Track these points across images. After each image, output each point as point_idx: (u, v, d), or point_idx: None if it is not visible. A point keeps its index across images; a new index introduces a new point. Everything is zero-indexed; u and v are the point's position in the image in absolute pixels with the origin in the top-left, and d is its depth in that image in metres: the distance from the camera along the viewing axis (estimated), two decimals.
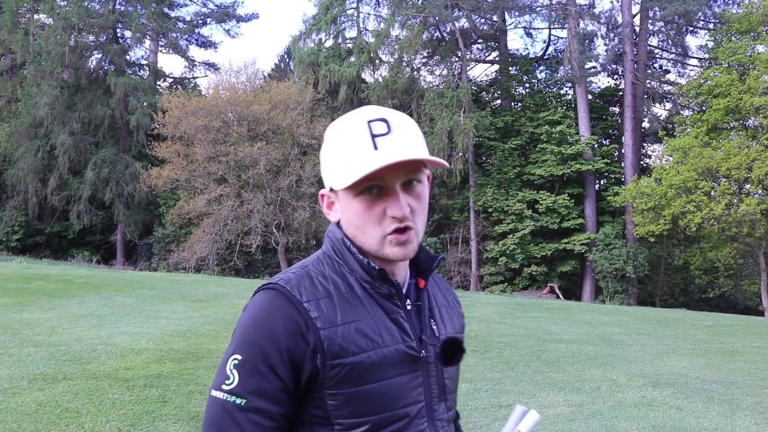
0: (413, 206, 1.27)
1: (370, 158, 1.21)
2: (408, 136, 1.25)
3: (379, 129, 1.23)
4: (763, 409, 6.53)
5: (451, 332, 1.41)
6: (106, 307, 11.11)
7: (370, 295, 1.30)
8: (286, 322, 1.22)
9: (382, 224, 1.26)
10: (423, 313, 1.36)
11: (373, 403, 1.24)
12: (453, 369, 1.40)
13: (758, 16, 25.61)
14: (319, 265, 1.33)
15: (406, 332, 1.30)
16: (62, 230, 34.28)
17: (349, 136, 1.25)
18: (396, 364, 1.27)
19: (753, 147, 24.21)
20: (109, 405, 5.54)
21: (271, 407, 1.21)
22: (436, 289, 1.48)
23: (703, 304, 28.49)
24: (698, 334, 12.48)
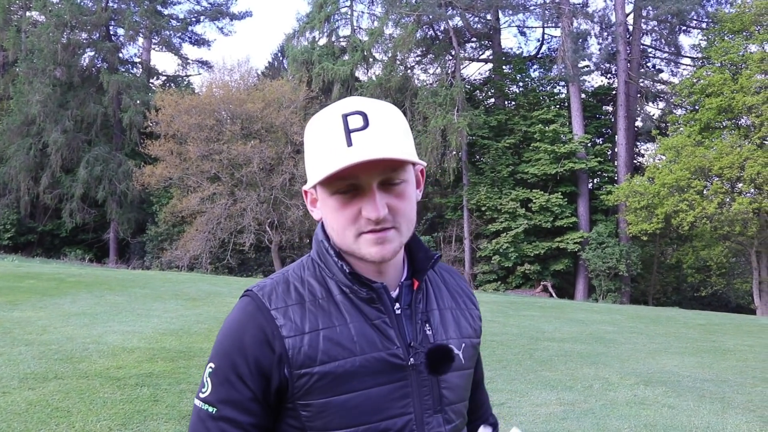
0: (394, 206, 1.18)
1: (342, 155, 1.13)
2: (386, 132, 1.16)
3: (355, 123, 1.15)
4: (754, 408, 6.55)
5: (455, 337, 1.31)
6: (98, 306, 11.07)
7: (349, 300, 1.23)
8: (254, 332, 1.19)
9: (357, 224, 1.18)
10: (415, 317, 1.26)
11: (347, 414, 1.17)
12: (455, 377, 1.28)
13: (750, 16, 25.69)
14: (299, 270, 1.29)
15: (389, 339, 1.22)
16: (55, 228, 34.14)
17: (325, 130, 1.18)
18: (375, 373, 1.19)
19: (745, 146, 24.29)
20: (100, 404, 5.52)
21: (241, 417, 1.19)
22: (442, 289, 1.37)
23: (695, 303, 28.60)
24: (690, 333, 12.52)
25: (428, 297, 1.31)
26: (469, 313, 1.38)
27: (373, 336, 1.21)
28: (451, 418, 1.27)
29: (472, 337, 1.35)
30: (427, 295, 1.31)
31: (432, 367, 1.23)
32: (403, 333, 1.23)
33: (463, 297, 1.40)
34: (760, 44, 25.70)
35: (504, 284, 28.99)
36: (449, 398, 1.26)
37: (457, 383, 1.29)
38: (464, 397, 1.33)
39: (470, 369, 1.35)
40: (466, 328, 1.35)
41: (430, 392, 1.23)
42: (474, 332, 1.37)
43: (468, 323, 1.36)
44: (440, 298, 1.34)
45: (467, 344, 1.33)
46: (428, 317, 1.28)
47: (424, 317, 1.27)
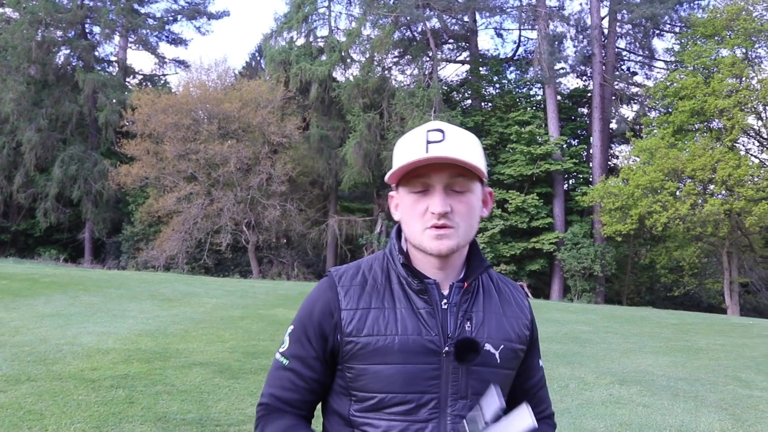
0: (457, 209, 1.40)
1: (418, 157, 1.37)
2: (460, 145, 1.39)
3: (434, 137, 1.38)
4: (726, 406, 6.67)
5: (493, 337, 1.45)
6: (73, 307, 10.96)
7: (403, 290, 1.45)
8: (322, 303, 1.46)
9: (423, 218, 1.40)
10: (458, 314, 1.43)
11: (381, 381, 1.38)
12: (487, 372, 1.43)
13: (722, 21, 26.07)
14: (372, 260, 1.53)
15: (429, 327, 1.40)
16: (28, 228, 33.69)
17: (410, 140, 1.42)
18: (411, 353, 1.38)
19: (717, 148, 24.64)
20: (74, 406, 5.46)
21: (305, 371, 1.45)
22: (493, 297, 1.53)
23: (668, 303, 28.94)
24: (664, 332, 12.69)
25: (476, 299, 1.49)
26: (516, 321, 1.53)
27: (416, 322, 1.41)
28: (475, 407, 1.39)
29: (513, 341, 1.50)
30: (476, 297, 1.49)
31: (458, 355, 1.39)
32: (445, 325, 1.42)
33: (513, 307, 1.55)
34: (731, 48, 26.08)
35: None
36: (476, 388, 1.40)
37: (489, 378, 1.42)
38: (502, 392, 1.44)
39: (508, 370, 1.49)
40: (508, 333, 1.49)
41: (458, 379, 1.40)
42: (517, 338, 1.51)
43: (511, 330, 1.51)
44: (488, 303, 1.50)
45: (506, 347, 1.47)
46: (471, 316, 1.45)
47: (467, 315, 1.45)
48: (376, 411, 1.39)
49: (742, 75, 25.43)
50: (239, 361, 7.57)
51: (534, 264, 28.94)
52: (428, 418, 1.38)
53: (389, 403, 1.38)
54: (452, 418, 1.38)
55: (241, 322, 10.56)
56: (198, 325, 9.92)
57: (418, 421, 1.37)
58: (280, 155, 28.90)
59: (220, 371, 7.00)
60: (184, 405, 5.68)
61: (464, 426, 1.34)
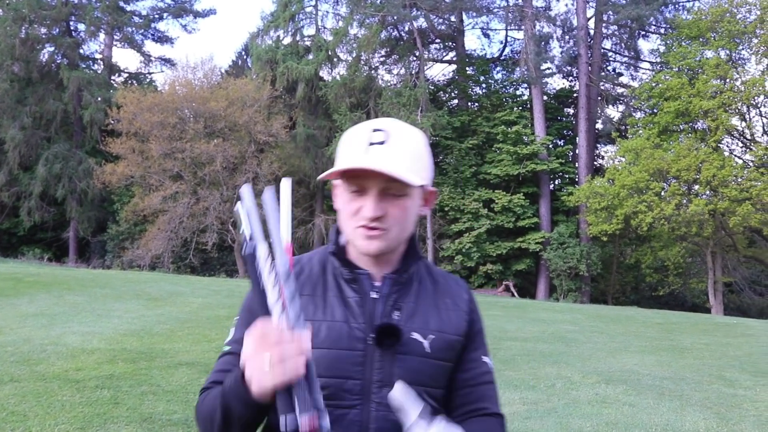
0: (391, 213, 1.40)
1: (357, 159, 1.36)
2: (399, 151, 1.37)
3: (376, 138, 1.38)
4: (711, 405, 6.71)
5: (423, 327, 1.45)
6: (57, 306, 10.86)
7: (335, 279, 1.47)
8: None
9: (356, 217, 1.40)
10: (387, 303, 1.44)
11: None
12: (415, 362, 1.42)
13: (707, 23, 26.29)
14: (314, 253, 1.56)
15: (355, 315, 1.42)
16: (12, 227, 33.38)
17: (353, 137, 1.41)
18: (338, 339, 1.39)
19: (701, 149, 24.84)
20: (58, 407, 5.41)
21: None
22: (428, 289, 1.53)
23: (653, 302, 29.13)
24: (649, 332, 12.77)
25: (408, 291, 1.49)
26: (452, 313, 1.52)
27: (344, 310, 1.43)
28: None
29: (447, 332, 1.48)
30: (409, 289, 1.49)
31: (378, 339, 1.39)
32: (373, 314, 1.43)
33: (449, 300, 1.55)
34: (716, 50, 26.32)
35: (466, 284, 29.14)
36: (402, 377, 1.38)
37: (417, 367, 1.42)
38: (424, 382, 1.43)
39: (441, 361, 1.46)
40: (441, 324, 1.48)
41: (383, 367, 1.40)
42: (452, 330, 1.49)
43: (446, 321, 1.49)
44: (422, 295, 1.51)
45: (438, 337, 1.46)
46: (401, 306, 1.46)
47: (397, 305, 1.45)
48: None
49: (726, 76, 25.66)
50: None
51: (520, 264, 29.05)
52: (352, 404, 1.38)
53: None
54: (377, 406, 1.38)
55: (227, 321, 10.50)
56: (184, 325, 9.86)
57: (342, 407, 1.37)
58: (266, 154, 28.81)
59: (206, 371, 6.95)
60: (169, 405, 5.64)
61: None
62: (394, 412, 1.34)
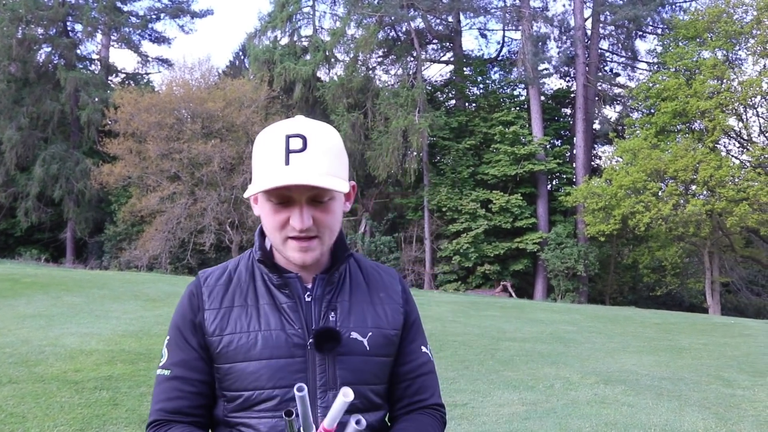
0: (319, 218, 1.36)
1: (280, 173, 1.30)
2: (321, 156, 1.32)
3: (294, 145, 1.31)
4: (710, 405, 6.72)
5: (360, 326, 1.44)
6: (55, 307, 10.85)
7: (266, 286, 1.44)
8: (191, 301, 1.44)
9: (284, 230, 1.36)
10: (320, 305, 1.42)
11: (246, 378, 1.36)
12: (356, 361, 1.41)
13: (703, 23, 26.32)
14: (239, 259, 1.52)
15: (291, 321, 1.39)
16: (9, 228, 33.30)
17: (268, 147, 1.34)
18: (275, 348, 1.37)
19: (699, 149, 24.86)
20: (57, 409, 5.41)
21: (189, 374, 1.41)
22: (360, 285, 1.51)
23: (650, 302, 29.15)
24: (647, 332, 12.78)
25: (341, 290, 1.47)
26: (387, 307, 1.51)
27: (278, 317, 1.40)
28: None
29: (383, 328, 1.47)
30: (341, 288, 1.47)
31: (317, 345, 1.37)
32: (309, 318, 1.41)
33: (383, 294, 1.52)
34: (713, 51, 26.35)
35: (464, 284, 29.18)
36: (346, 378, 1.39)
37: (359, 367, 1.41)
38: (368, 380, 1.43)
39: (380, 357, 1.46)
40: (377, 320, 1.47)
41: (325, 371, 1.38)
42: (388, 324, 1.48)
43: (382, 316, 1.48)
44: (355, 292, 1.49)
45: (375, 333, 1.45)
46: (335, 306, 1.44)
47: (331, 306, 1.44)
48: (245, 410, 1.37)
49: (723, 77, 25.70)
50: None
51: (518, 264, 29.06)
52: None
53: (256, 400, 1.36)
54: (322, 411, 1.36)
55: None
56: None
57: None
58: None
59: None
60: None
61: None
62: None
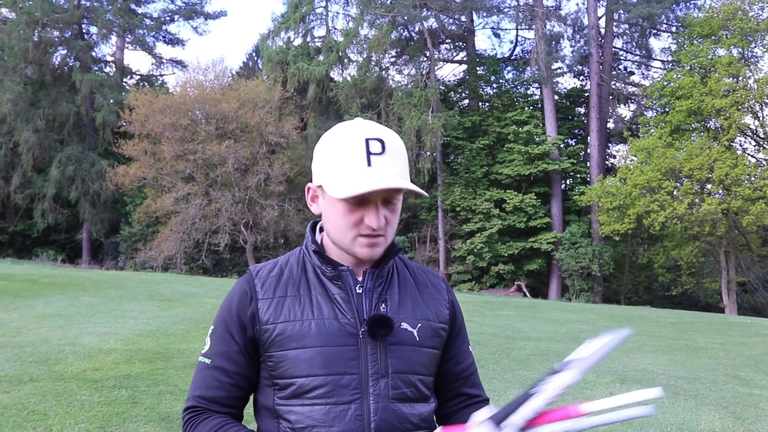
0: (388, 218, 1.43)
1: (363, 175, 1.36)
2: (398, 159, 1.40)
3: (375, 148, 1.38)
4: (727, 404, 6.69)
5: (410, 317, 1.49)
6: (73, 307, 10.96)
7: (318, 278, 1.49)
8: (240, 296, 1.48)
9: (357, 227, 1.41)
10: (372, 297, 1.47)
11: (300, 365, 1.40)
12: (407, 351, 1.46)
13: (719, 21, 26.14)
14: (289, 256, 1.57)
15: (344, 311, 1.44)
16: (26, 229, 33.66)
17: (348, 148, 1.39)
18: (329, 336, 1.41)
19: (714, 148, 24.70)
20: (77, 407, 5.47)
21: (229, 366, 1.46)
22: (408, 281, 1.57)
23: (666, 302, 29.00)
24: (663, 331, 12.73)
25: (391, 283, 1.53)
26: (434, 302, 1.57)
27: (331, 306, 1.44)
28: (398, 385, 1.44)
29: (432, 320, 1.53)
30: (390, 281, 1.53)
31: (371, 331, 1.42)
32: (360, 308, 1.45)
33: (429, 289, 1.59)
34: (728, 48, 26.16)
35: (478, 284, 29.15)
36: (397, 367, 1.44)
37: (409, 356, 1.46)
38: (417, 370, 1.48)
39: (429, 349, 1.51)
40: (425, 313, 1.53)
41: (377, 359, 1.42)
42: (436, 318, 1.55)
43: (429, 309, 1.54)
44: (404, 286, 1.55)
45: (424, 325, 1.51)
46: (386, 298, 1.49)
47: (382, 298, 1.48)
48: (297, 397, 1.40)
49: (739, 74, 25.51)
50: None
51: (532, 264, 28.99)
52: (350, 400, 1.39)
53: (309, 387, 1.39)
54: (375, 398, 1.40)
55: None
56: (198, 326, 9.92)
57: (340, 403, 1.39)
58: (277, 155, 28.90)
59: None
60: None
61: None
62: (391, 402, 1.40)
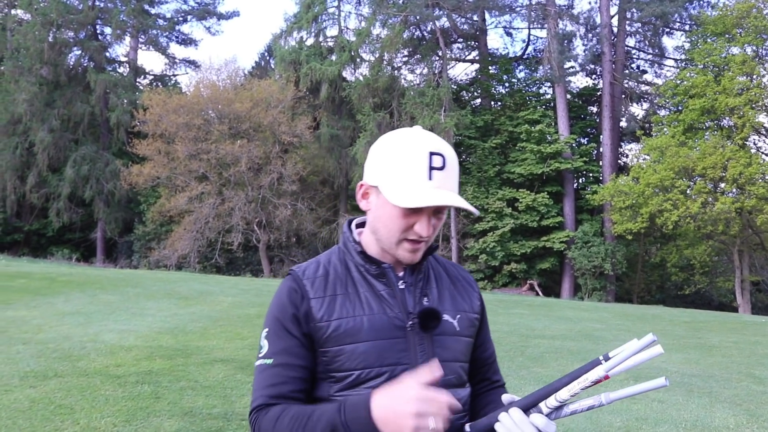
0: (435, 226, 1.52)
1: (425, 188, 1.44)
2: (454, 174, 1.51)
3: (436, 162, 1.46)
4: (740, 402, 6.74)
5: (450, 309, 1.60)
6: (92, 305, 11.12)
7: (362, 276, 1.57)
8: (291, 296, 1.54)
9: (406, 233, 1.50)
10: (415, 291, 1.56)
11: (356, 358, 1.48)
12: (449, 340, 1.57)
13: (732, 19, 26.05)
14: (329, 255, 1.65)
15: (391, 306, 1.52)
16: (41, 228, 33.98)
17: (411, 158, 1.46)
18: (378, 330, 1.49)
19: (728, 147, 24.63)
20: (102, 401, 5.60)
21: (292, 360, 1.50)
22: (443, 276, 1.68)
23: (679, 301, 28.94)
24: (676, 330, 12.74)
25: (429, 278, 1.63)
26: (467, 294, 1.69)
27: (378, 302, 1.53)
28: (444, 373, 1.48)
29: (468, 311, 1.65)
30: (429, 277, 1.63)
31: (422, 324, 1.51)
32: (405, 302, 1.54)
33: (462, 282, 1.71)
34: (742, 47, 26.05)
35: (491, 283, 29.18)
36: (442, 355, 1.52)
37: (451, 345, 1.57)
38: (459, 357, 1.59)
39: (467, 337, 1.63)
40: (462, 304, 1.65)
41: (424, 349, 1.52)
42: (471, 308, 1.66)
43: (464, 301, 1.66)
44: (440, 280, 1.66)
45: (462, 316, 1.62)
46: (427, 292, 1.59)
47: (423, 292, 1.58)
48: (354, 387, 1.47)
49: (753, 73, 25.43)
50: None
51: (544, 263, 28.99)
52: None
53: (366, 378, 1.47)
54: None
55: (258, 320, 10.68)
56: (216, 323, 10.05)
57: None
58: (290, 155, 29.06)
59: (241, 368, 7.12)
60: (209, 400, 5.81)
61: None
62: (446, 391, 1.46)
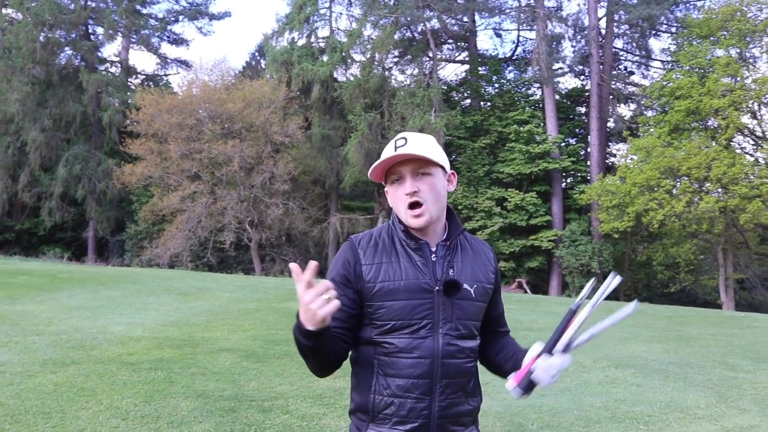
0: (423, 188, 1.95)
1: (388, 156, 1.97)
2: (419, 145, 1.96)
3: (400, 143, 1.97)
4: (713, 385, 7.22)
5: (470, 279, 2.01)
6: (96, 300, 11.48)
7: (404, 248, 2.00)
8: (346, 260, 2.00)
9: (402, 200, 1.97)
10: (444, 263, 1.99)
11: (393, 313, 1.92)
12: (467, 304, 1.99)
13: (717, 22, 26.58)
14: (381, 229, 2.09)
15: (424, 273, 1.95)
16: (32, 227, 34.13)
17: (385, 149, 2.02)
18: (412, 292, 1.92)
19: (712, 147, 25.12)
20: (120, 385, 6.00)
21: (345, 301, 1.93)
22: (468, 251, 2.09)
23: (665, 299, 29.43)
24: (658, 323, 13.23)
25: (456, 253, 2.05)
26: (485, 268, 2.10)
27: (414, 270, 1.96)
28: (458, 328, 1.96)
29: (484, 282, 2.06)
30: (456, 252, 2.05)
31: (446, 291, 1.95)
32: (435, 272, 1.97)
33: (482, 259, 2.13)
34: (726, 49, 26.58)
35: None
36: (459, 315, 1.97)
37: (467, 308, 1.99)
38: (472, 317, 2.01)
39: (480, 302, 2.05)
40: (479, 276, 2.06)
41: (446, 309, 1.95)
42: (486, 280, 2.08)
43: (482, 274, 2.08)
44: (465, 255, 2.07)
45: (479, 286, 2.04)
46: (453, 264, 2.01)
47: (450, 264, 2.00)
48: (389, 333, 1.92)
49: (737, 75, 25.93)
50: (263, 348, 8.11)
51: (533, 261, 29.45)
52: (426, 335, 1.91)
53: (398, 327, 1.91)
54: (442, 336, 1.92)
55: (257, 314, 11.09)
56: (217, 317, 10.44)
57: (419, 338, 1.91)
58: (282, 154, 29.39)
59: (247, 356, 7.53)
60: (219, 384, 6.22)
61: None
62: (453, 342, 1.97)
